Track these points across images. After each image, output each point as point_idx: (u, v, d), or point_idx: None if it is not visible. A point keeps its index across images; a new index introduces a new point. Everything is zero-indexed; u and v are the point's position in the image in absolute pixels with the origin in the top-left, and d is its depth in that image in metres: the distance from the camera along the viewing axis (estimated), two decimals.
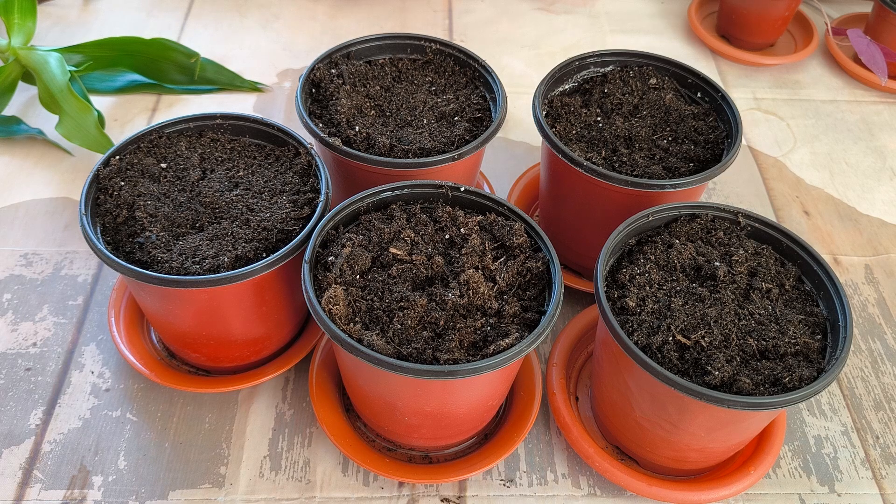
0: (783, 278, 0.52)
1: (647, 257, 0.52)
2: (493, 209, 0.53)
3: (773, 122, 0.86)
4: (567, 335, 0.60)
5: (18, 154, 0.75)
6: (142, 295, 0.53)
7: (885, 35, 0.90)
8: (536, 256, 0.50)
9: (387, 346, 0.45)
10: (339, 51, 0.65)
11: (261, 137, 0.59)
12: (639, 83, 0.65)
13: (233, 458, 0.55)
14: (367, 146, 0.58)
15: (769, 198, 0.77)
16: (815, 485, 0.56)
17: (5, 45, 0.75)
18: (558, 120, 0.63)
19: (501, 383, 0.51)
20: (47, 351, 0.60)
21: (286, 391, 0.59)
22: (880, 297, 0.69)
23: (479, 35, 0.94)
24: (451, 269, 0.50)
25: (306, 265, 0.48)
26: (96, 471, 0.54)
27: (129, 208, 0.52)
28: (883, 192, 0.79)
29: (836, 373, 0.46)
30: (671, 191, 0.55)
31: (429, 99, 0.64)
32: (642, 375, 0.47)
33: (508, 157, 0.78)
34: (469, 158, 0.58)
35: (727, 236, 0.54)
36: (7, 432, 0.55)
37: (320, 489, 0.54)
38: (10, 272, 0.65)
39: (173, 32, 0.91)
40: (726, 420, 0.47)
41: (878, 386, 0.62)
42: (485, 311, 0.48)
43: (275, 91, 0.84)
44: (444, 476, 0.52)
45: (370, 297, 0.48)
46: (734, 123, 0.61)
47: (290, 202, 0.54)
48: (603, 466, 0.52)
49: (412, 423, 0.50)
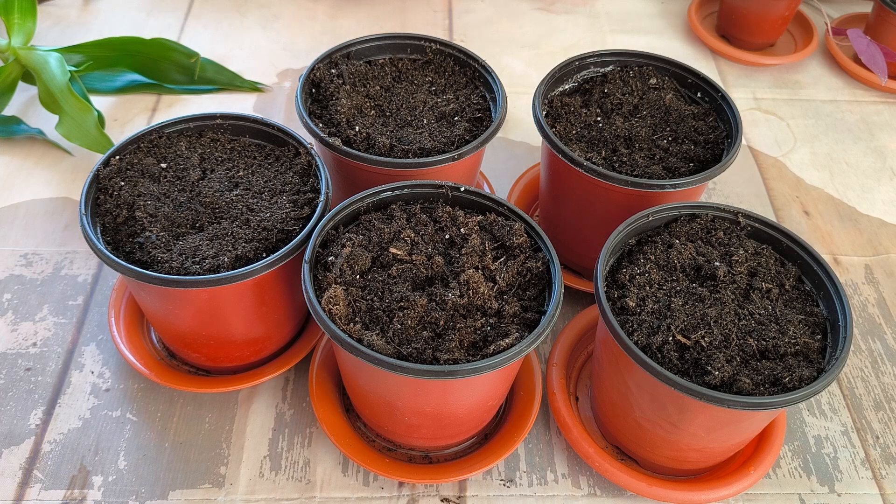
0: (783, 278, 0.52)
1: (647, 257, 0.52)
2: (493, 209, 0.53)
3: (773, 122, 0.86)
4: (567, 335, 0.60)
5: (18, 154, 0.75)
6: (142, 295, 0.53)
7: (885, 35, 0.90)
8: (536, 256, 0.50)
9: (387, 346, 0.45)
10: (339, 51, 0.65)
11: (261, 137, 0.59)
12: (639, 83, 0.65)
13: (233, 458, 0.55)
14: (367, 146, 0.58)
15: (769, 198, 0.77)
16: (815, 485, 0.56)
17: (5, 45, 0.75)
18: (558, 120, 0.63)
19: (501, 383, 0.51)
20: (47, 351, 0.60)
21: (286, 391, 0.59)
22: (880, 297, 0.69)
23: (479, 35, 0.94)
24: (451, 269, 0.50)
25: (306, 265, 0.48)
26: (96, 471, 0.54)
27: (129, 208, 0.52)
28: (883, 192, 0.79)
29: (836, 373, 0.46)
30: (671, 191, 0.55)
31: (429, 99, 0.64)
32: (642, 375, 0.47)
33: (508, 157, 0.78)
34: (469, 158, 0.58)
35: (727, 236, 0.54)
36: (7, 432, 0.55)
37: (320, 489, 0.54)
38: (10, 272, 0.65)
39: (173, 32, 0.91)
40: (726, 420, 0.47)
41: (878, 386, 0.62)
42: (485, 311, 0.48)
43: (275, 91, 0.84)
44: (444, 476, 0.52)
45: (370, 297, 0.48)
46: (734, 123, 0.61)
47: (290, 202, 0.54)
48: (603, 466, 0.52)
49: (412, 423, 0.50)
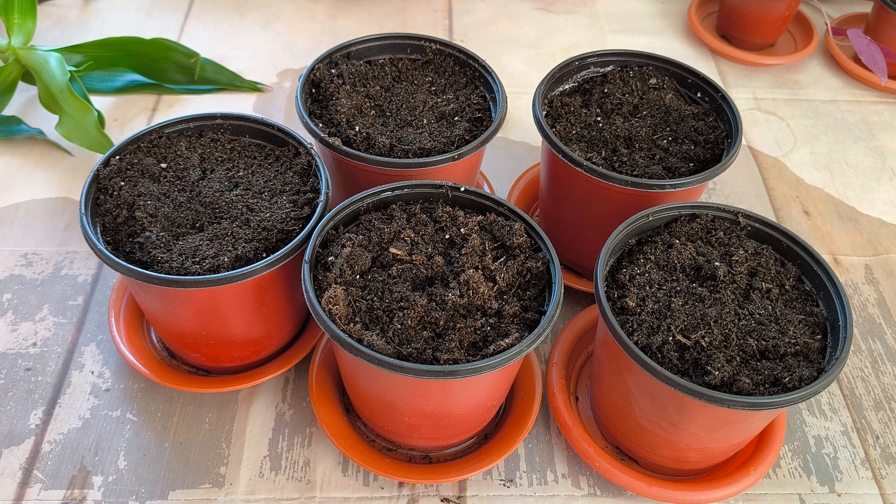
0: (783, 278, 0.52)
1: (647, 257, 0.52)
2: (493, 209, 0.53)
3: (773, 122, 0.86)
4: (567, 335, 0.60)
5: (18, 154, 0.75)
6: (142, 295, 0.53)
7: (885, 35, 0.90)
8: (536, 256, 0.50)
9: (387, 346, 0.45)
10: (339, 51, 0.65)
11: (261, 137, 0.59)
12: (639, 83, 0.65)
13: (233, 458, 0.55)
14: (367, 146, 0.58)
15: (769, 198, 0.77)
16: (815, 485, 0.56)
17: (5, 45, 0.75)
18: (558, 120, 0.63)
19: (501, 383, 0.51)
20: (47, 351, 0.60)
21: (286, 391, 0.59)
22: (880, 297, 0.69)
23: (479, 35, 0.94)
24: (451, 269, 0.50)
25: (306, 265, 0.48)
26: (96, 471, 0.54)
27: (129, 208, 0.52)
28: (883, 192, 0.79)
29: (836, 373, 0.46)
30: (671, 191, 0.55)
31: (429, 99, 0.64)
32: (642, 375, 0.47)
33: (508, 157, 0.78)
34: (469, 158, 0.58)
35: (727, 236, 0.54)
36: (7, 432, 0.55)
37: (320, 489, 0.54)
38: (10, 272, 0.65)
39: (173, 32, 0.91)
40: (726, 420, 0.47)
41: (878, 386, 0.62)
42: (485, 311, 0.48)
43: (275, 91, 0.84)
44: (444, 476, 0.52)
45: (370, 297, 0.48)
46: (734, 123, 0.61)
47: (290, 202, 0.54)
48: (603, 466, 0.52)
49: (412, 423, 0.50)
